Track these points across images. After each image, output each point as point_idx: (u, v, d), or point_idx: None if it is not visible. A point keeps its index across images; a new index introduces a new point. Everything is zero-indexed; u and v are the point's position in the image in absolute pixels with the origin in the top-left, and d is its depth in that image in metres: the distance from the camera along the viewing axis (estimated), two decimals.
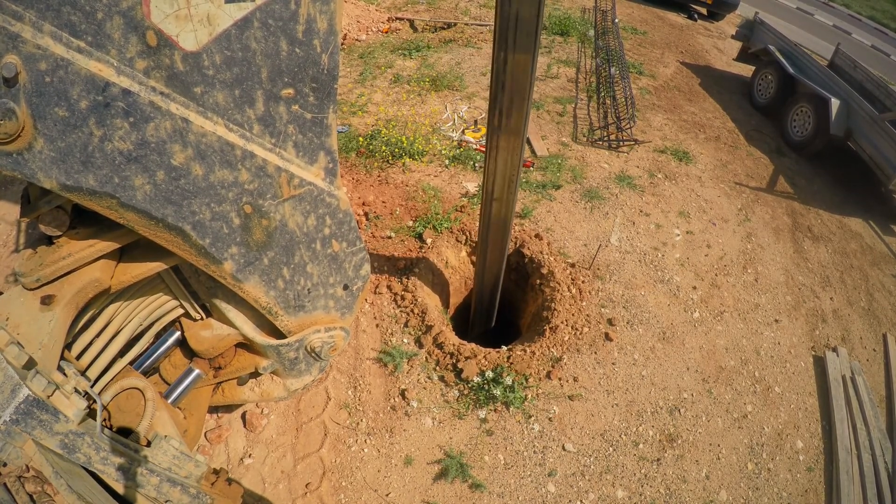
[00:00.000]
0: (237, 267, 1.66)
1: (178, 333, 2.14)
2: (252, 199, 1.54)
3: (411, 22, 9.50)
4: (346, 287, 2.14)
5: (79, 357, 1.72)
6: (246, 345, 2.25)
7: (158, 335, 2.17)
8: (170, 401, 2.06)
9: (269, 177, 1.53)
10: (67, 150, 1.15)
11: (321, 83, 1.45)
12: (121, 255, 1.73)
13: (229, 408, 3.73)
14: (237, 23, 1.20)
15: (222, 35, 1.20)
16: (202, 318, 2.11)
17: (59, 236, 1.55)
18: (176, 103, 1.23)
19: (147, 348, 2.10)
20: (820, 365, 4.81)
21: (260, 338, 2.10)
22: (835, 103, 7.00)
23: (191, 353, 2.20)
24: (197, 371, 2.15)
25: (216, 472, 1.68)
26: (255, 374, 2.44)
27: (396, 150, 5.97)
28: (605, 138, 6.86)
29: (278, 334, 2.16)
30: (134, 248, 1.71)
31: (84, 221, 1.61)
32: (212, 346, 2.09)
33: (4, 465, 1.26)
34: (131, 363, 1.97)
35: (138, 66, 1.15)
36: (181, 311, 2.09)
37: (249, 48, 1.25)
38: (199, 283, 1.99)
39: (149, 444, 1.64)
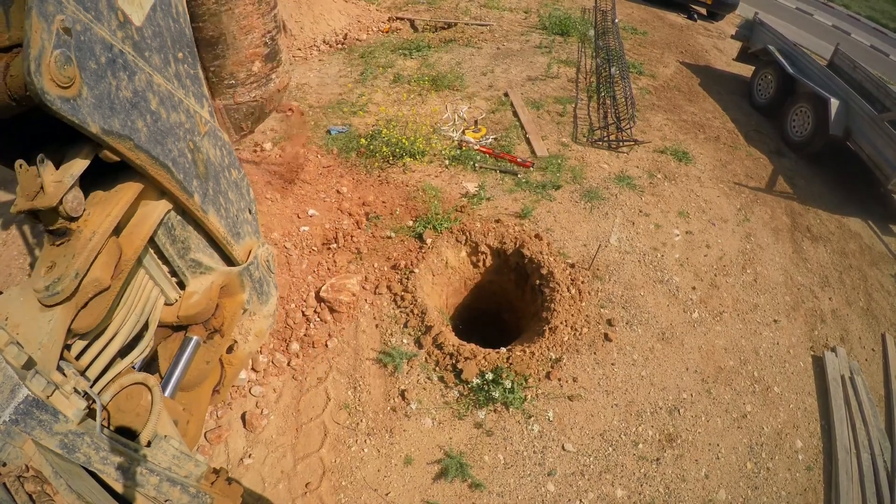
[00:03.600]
0: (201, 198, 1.98)
1: (195, 338, 2.14)
2: (191, 136, 1.94)
3: (412, 22, 9.50)
4: (250, 210, 2.49)
5: (79, 357, 1.71)
6: (222, 295, 2.34)
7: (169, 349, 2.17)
8: (176, 375, 2.05)
9: (192, 117, 1.96)
10: (101, 98, 1.42)
11: (191, 48, 2.00)
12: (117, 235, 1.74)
13: (229, 406, 3.73)
14: (153, 6, 1.68)
15: (149, 14, 1.65)
16: (179, 297, 2.13)
17: (78, 217, 1.55)
18: (142, 61, 1.62)
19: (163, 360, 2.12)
20: (819, 365, 4.82)
21: (234, 267, 2.31)
22: (834, 103, 7.01)
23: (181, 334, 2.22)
24: (196, 338, 2.16)
25: (216, 471, 1.68)
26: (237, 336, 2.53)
27: (397, 150, 5.97)
28: (605, 138, 6.86)
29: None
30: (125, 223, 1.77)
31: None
32: (207, 301, 2.16)
33: (4, 464, 1.26)
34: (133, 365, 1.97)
35: (119, 36, 1.50)
36: (163, 299, 2.09)
37: (160, 24, 1.74)
38: (175, 247, 2.04)
39: (149, 444, 1.63)
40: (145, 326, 2.01)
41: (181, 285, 2.19)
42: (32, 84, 1.18)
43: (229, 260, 2.38)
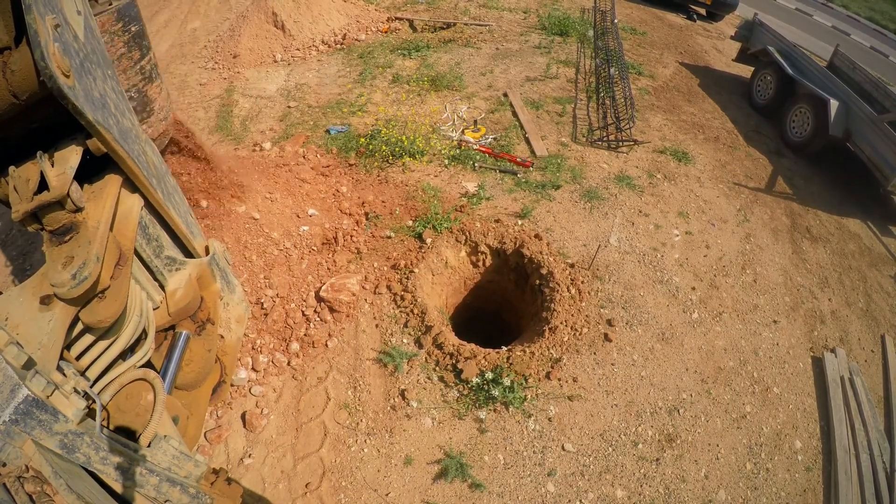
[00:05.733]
0: (162, 195, 2.09)
1: (185, 332, 2.17)
2: (140, 142, 2.05)
3: (411, 22, 9.50)
4: (190, 214, 2.61)
5: (79, 357, 1.71)
6: (200, 287, 2.40)
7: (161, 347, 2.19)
8: (172, 370, 2.07)
9: (136, 125, 2.10)
10: (85, 92, 1.50)
11: (112, 69, 2.13)
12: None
13: (229, 406, 3.72)
14: (84, 26, 1.80)
15: (85, 33, 1.77)
16: (163, 299, 2.16)
17: (83, 208, 1.57)
18: (93, 70, 1.74)
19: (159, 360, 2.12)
20: (818, 366, 4.82)
21: (200, 259, 2.40)
22: (833, 104, 7.01)
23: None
24: (185, 332, 2.20)
25: (216, 471, 1.68)
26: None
27: (396, 149, 5.96)
28: (605, 138, 6.86)
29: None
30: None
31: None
32: (192, 293, 2.21)
33: (4, 465, 1.25)
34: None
35: (76, 46, 1.61)
36: (151, 304, 2.11)
37: (92, 43, 1.87)
38: (151, 246, 2.09)
39: (149, 444, 1.63)
40: (144, 332, 2.02)
41: (161, 289, 2.24)
42: (47, 68, 1.26)
43: (192, 257, 2.47)
